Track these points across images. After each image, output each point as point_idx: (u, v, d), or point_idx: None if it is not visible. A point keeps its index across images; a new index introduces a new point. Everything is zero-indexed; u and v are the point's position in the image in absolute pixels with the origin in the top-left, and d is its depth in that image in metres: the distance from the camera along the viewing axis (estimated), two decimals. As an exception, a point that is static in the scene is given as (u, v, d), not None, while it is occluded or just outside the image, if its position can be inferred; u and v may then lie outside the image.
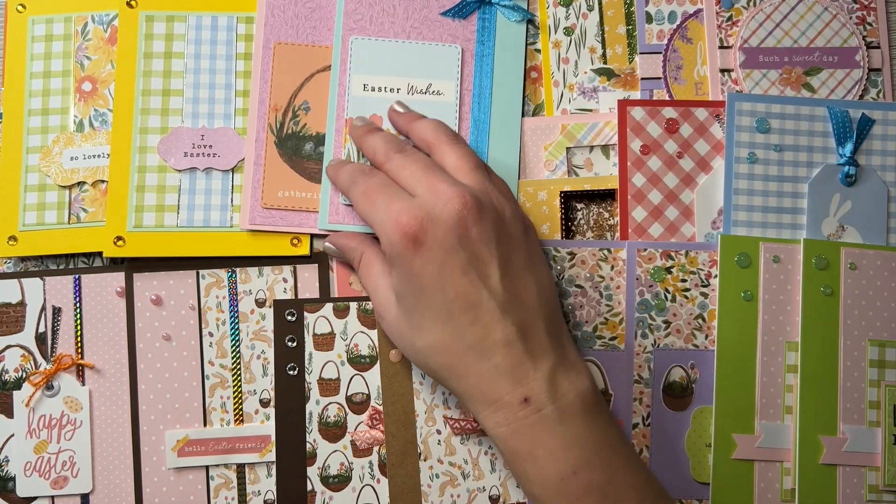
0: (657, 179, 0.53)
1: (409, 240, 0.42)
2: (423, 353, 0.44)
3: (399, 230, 0.42)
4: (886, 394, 0.50)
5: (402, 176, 0.45)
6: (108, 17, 0.54)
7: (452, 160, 0.46)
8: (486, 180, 0.45)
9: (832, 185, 0.52)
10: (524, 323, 0.43)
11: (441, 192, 0.42)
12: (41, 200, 0.53)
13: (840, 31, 0.54)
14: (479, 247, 0.42)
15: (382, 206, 0.44)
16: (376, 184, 0.45)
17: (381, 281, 0.46)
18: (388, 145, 0.47)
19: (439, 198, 0.42)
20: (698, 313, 0.51)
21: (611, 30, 0.55)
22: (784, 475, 0.50)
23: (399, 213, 0.42)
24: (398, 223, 0.42)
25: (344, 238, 0.50)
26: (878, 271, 0.51)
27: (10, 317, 0.52)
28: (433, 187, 0.43)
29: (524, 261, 0.44)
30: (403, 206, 0.43)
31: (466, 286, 0.42)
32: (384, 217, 0.43)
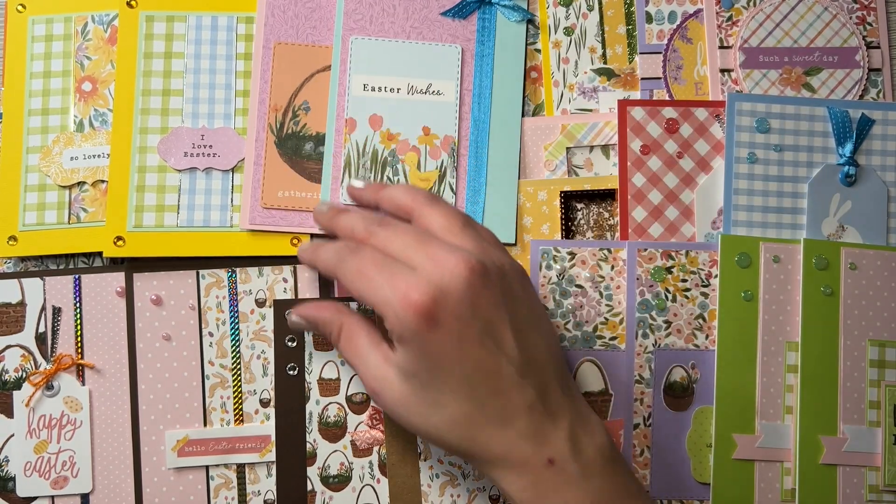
0: (657, 179, 0.53)
1: (424, 318, 0.39)
2: (441, 428, 0.41)
3: (412, 309, 0.39)
4: (886, 394, 0.50)
5: (393, 248, 0.42)
6: (108, 17, 0.54)
7: (439, 221, 0.43)
8: (478, 236, 0.43)
9: (832, 185, 0.52)
10: (541, 383, 0.41)
11: (442, 260, 0.40)
12: (41, 200, 0.53)
13: (840, 31, 0.54)
14: (490, 312, 0.41)
15: (384, 284, 0.41)
16: (370, 260, 0.42)
17: (372, 357, 0.43)
18: (367, 220, 0.45)
19: (443, 267, 0.40)
20: (699, 313, 0.51)
21: (611, 30, 0.55)
22: (784, 475, 0.50)
23: (407, 290, 0.40)
24: (409, 301, 0.39)
25: (315, 310, 0.47)
26: (878, 271, 0.51)
27: (10, 317, 0.52)
28: (432, 256, 0.41)
29: (530, 316, 0.43)
30: (410, 281, 0.40)
31: (484, 356, 0.40)
32: (389, 296, 0.40)
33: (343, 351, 0.45)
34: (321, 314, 0.47)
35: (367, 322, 0.45)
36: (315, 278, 0.52)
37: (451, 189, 0.52)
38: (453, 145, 0.53)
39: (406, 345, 0.41)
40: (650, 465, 0.50)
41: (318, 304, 0.47)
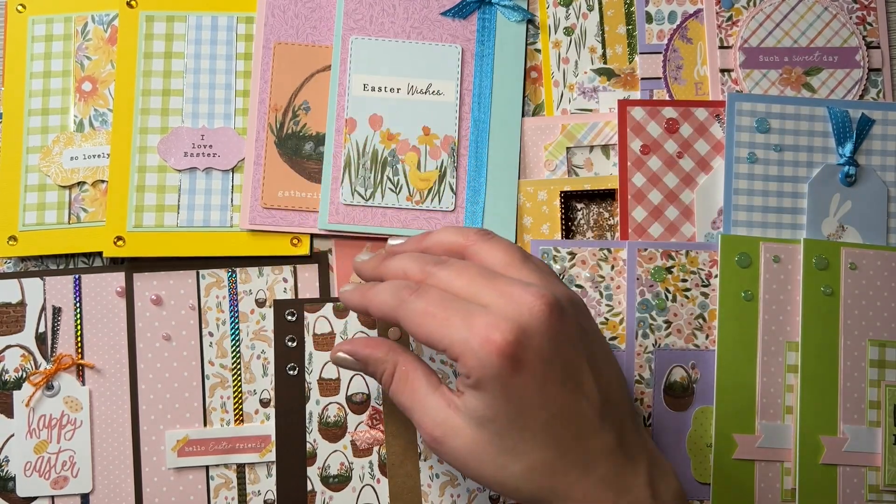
0: (657, 179, 0.53)
1: (508, 360, 0.36)
2: (519, 477, 0.38)
3: (495, 350, 0.36)
4: (886, 394, 0.50)
5: (458, 287, 0.39)
6: (108, 17, 0.54)
7: (498, 256, 0.40)
8: (539, 270, 0.40)
9: (832, 185, 0.52)
10: (618, 424, 0.39)
11: (517, 296, 0.37)
12: (41, 200, 0.53)
13: (840, 31, 0.54)
14: (570, 351, 0.38)
15: (459, 324, 0.37)
16: (436, 299, 0.38)
17: (433, 401, 0.40)
18: (421, 261, 0.41)
19: (520, 304, 0.37)
20: (699, 313, 0.51)
21: (611, 30, 0.55)
22: (784, 475, 0.50)
23: (487, 330, 0.36)
24: (491, 342, 0.36)
25: (365, 346, 0.43)
26: (878, 271, 0.51)
27: (10, 317, 0.52)
28: (505, 293, 0.37)
29: (602, 352, 0.40)
30: (489, 321, 0.36)
31: (567, 398, 0.38)
32: (467, 336, 0.37)
33: (397, 394, 0.42)
34: (373, 352, 0.43)
35: (424, 362, 0.42)
36: (316, 278, 0.52)
37: (451, 189, 0.52)
38: (453, 145, 0.53)
39: (484, 389, 0.37)
40: (650, 465, 0.50)
41: (369, 340, 0.44)
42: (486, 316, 0.37)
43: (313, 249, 0.53)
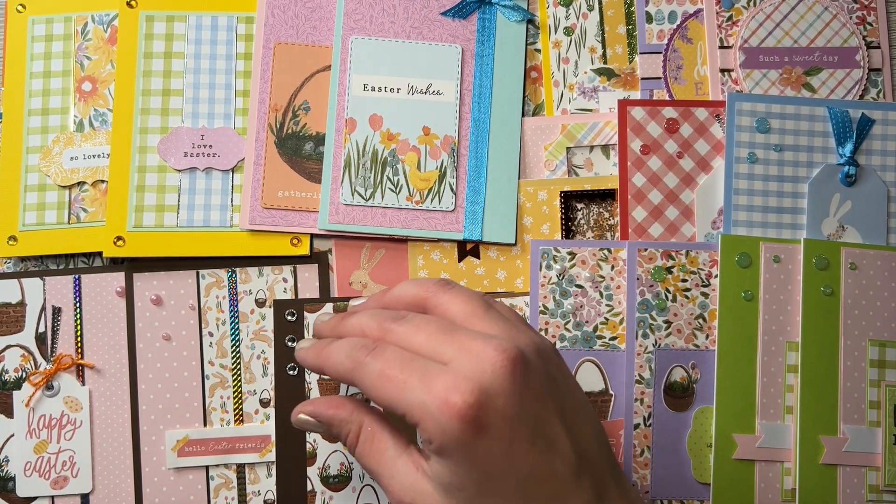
0: (657, 179, 0.53)
1: (469, 424, 0.34)
2: None
3: (455, 415, 0.34)
4: (887, 394, 0.50)
5: (417, 343, 0.37)
6: (108, 17, 0.54)
7: (459, 307, 0.39)
8: (504, 318, 0.38)
9: (832, 185, 0.52)
10: (596, 479, 0.37)
11: (478, 352, 0.35)
12: (41, 200, 0.53)
13: (840, 31, 0.54)
14: (537, 406, 0.35)
15: (417, 386, 0.35)
16: (394, 359, 0.36)
17: (402, 465, 0.38)
18: (379, 317, 0.39)
19: (482, 361, 0.35)
20: (699, 313, 0.51)
21: (611, 30, 0.55)
22: (784, 475, 0.50)
23: (447, 392, 0.34)
24: (450, 406, 0.34)
25: (328, 407, 0.41)
26: (878, 271, 0.51)
27: (10, 317, 0.52)
28: (466, 348, 0.35)
29: (574, 403, 0.38)
30: (448, 382, 0.34)
31: (537, 458, 0.35)
32: (425, 400, 0.34)
33: (362, 457, 0.39)
34: (337, 413, 0.40)
35: (390, 422, 0.40)
36: (316, 278, 0.52)
37: (451, 189, 0.52)
38: (453, 145, 0.53)
39: (448, 456, 0.35)
40: (650, 465, 0.50)
41: (332, 400, 0.41)
42: (446, 376, 0.35)
43: (313, 249, 0.53)
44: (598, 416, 0.41)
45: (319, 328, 0.44)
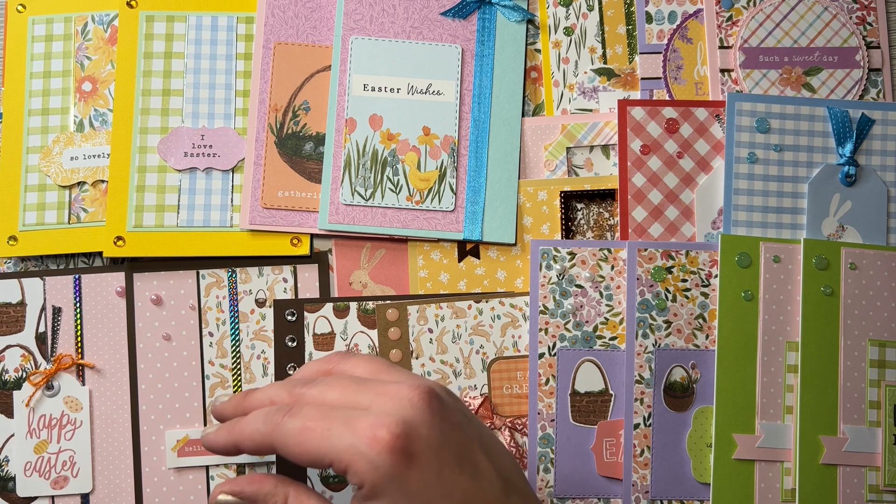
0: (657, 179, 0.53)
1: (399, 455, 0.35)
2: None
3: (385, 448, 0.35)
4: (886, 394, 0.50)
5: (332, 398, 0.38)
6: (108, 17, 0.54)
7: (363, 367, 0.40)
8: (406, 372, 0.40)
9: (832, 185, 0.52)
10: (524, 498, 0.39)
11: (394, 393, 0.37)
12: (41, 200, 0.53)
13: (840, 31, 0.54)
14: (458, 434, 0.37)
15: (343, 430, 0.35)
16: (313, 414, 0.37)
17: None
18: (288, 386, 0.40)
19: (400, 399, 0.36)
20: (699, 313, 0.51)
21: (611, 30, 0.55)
22: (784, 475, 0.50)
23: (373, 429, 0.35)
24: (379, 440, 0.35)
25: (252, 483, 0.40)
26: (878, 271, 0.51)
27: (11, 317, 0.52)
28: (381, 392, 0.37)
29: (487, 434, 0.39)
30: (372, 420, 0.35)
31: (468, 482, 0.36)
32: (353, 441, 0.35)
33: None
34: (260, 487, 0.39)
35: (315, 492, 0.40)
36: (316, 278, 0.52)
37: (451, 189, 0.52)
38: (453, 145, 0.53)
39: (382, 495, 0.35)
40: (650, 465, 0.50)
41: (253, 477, 0.40)
42: (369, 417, 0.35)
43: (313, 249, 0.53)
44: (600, 417, 0.41)
45: (220, 409, 0.43)
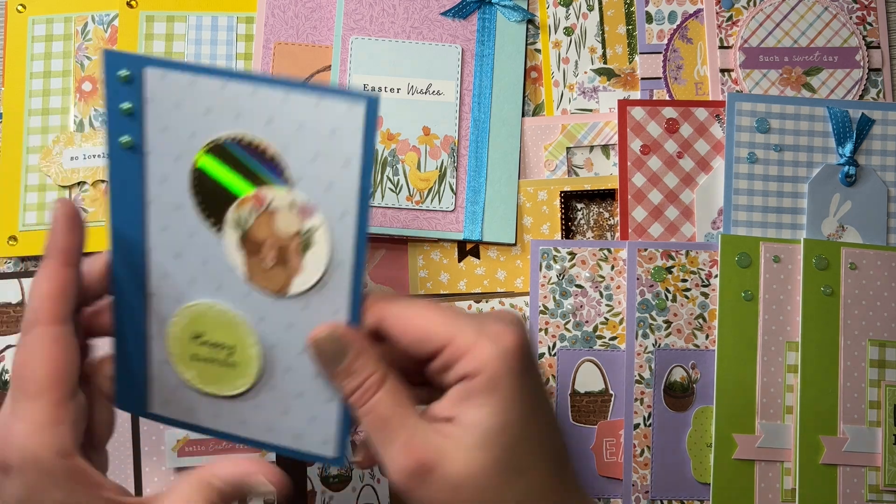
0: (657, 179, 0.52)
1: (523, 355, 0.33)
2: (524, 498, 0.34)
3: (513, 345, 0.33)
4: (886, 394, 0.50)
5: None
6: (108, 18, 0.54)
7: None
8: None
9: (832, 185, 0.52)
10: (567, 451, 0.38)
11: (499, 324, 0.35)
12: (41, 200, 0.53)
13: (840, 31, 0.54)
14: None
15: (469, 319, 0.34)
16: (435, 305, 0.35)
17: (421, 423, 0.34)
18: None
19: (512, 320, 0.36)
20: (699, 313, 0.51)
21: (611, 30, 0.55)
22: (784, 475, 0.50)
23: (500, 328, 0.34)
24: (507, 336, 0.34)
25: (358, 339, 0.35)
26: (878, 271, 0.51)
27: (10, 317, 0.52)
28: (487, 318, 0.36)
29: None
30: (496, 323, 0.34)
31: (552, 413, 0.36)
32: (480, 329, 0.34)
33: (377, 410, 0.34)
34: (366, 348, 0.34)
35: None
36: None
37: (451, 189, 0.52)
38: (453, 145, 0.53)
39: (502, 387, 0.32)
40: (650, 465, 0.50)
41: (363, 345, 0.34)
42: (491, 319, 0.34)
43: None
44: (600, 417, 0.41)
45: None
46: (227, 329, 0.36)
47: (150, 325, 0.37)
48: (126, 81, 0.34)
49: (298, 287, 0.34)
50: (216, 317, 0.36)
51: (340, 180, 0.33)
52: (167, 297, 0.36)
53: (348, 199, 0.33)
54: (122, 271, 0.36)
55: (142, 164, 0.35)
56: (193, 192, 0.35)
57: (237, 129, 0.33)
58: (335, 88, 0.32)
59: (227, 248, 0.35)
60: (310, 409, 0.36)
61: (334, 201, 0.33)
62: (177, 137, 0.34)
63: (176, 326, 0.36)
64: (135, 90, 0.34)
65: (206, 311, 0.36)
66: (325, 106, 0.32)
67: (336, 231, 0.33)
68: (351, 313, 0.35)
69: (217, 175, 0.34)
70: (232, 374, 0.36)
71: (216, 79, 0.33)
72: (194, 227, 0.35)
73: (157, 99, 0.34)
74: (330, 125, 0.32)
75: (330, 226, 0.33)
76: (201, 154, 0.34)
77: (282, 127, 0.33)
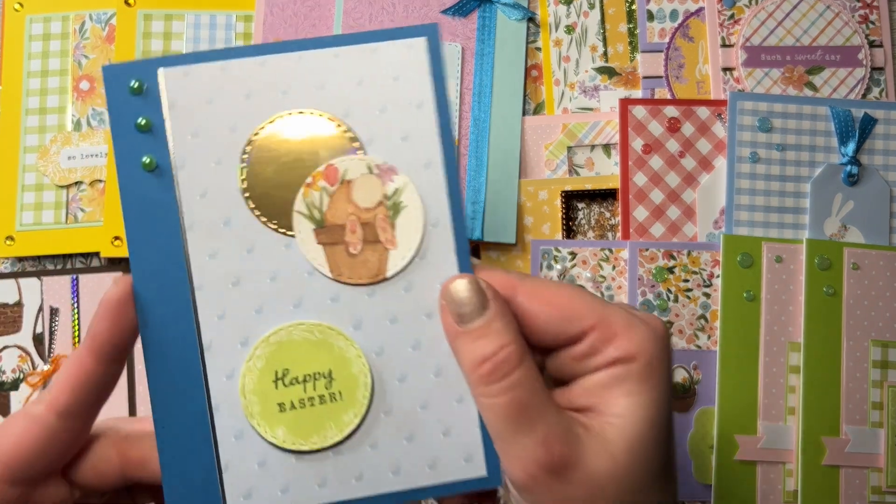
0: (659, 179, 0.52)
1: (667, 344, 0.30)
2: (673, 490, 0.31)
3: (662, 334, 0.30)
4: (889, 394, 0.50)
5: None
6: (105, 16, 0.54)
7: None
8: None
9: (834, 185, 0.52)
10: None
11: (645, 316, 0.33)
12: (38, 200, 0.52)
13: (842, 30, 0.54)
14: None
15: (614, 305, 0.31)
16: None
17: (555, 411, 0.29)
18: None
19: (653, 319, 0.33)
20: (700, 314, 0.51)
21: (612, 28, 0.54)
22: (786, 476, 0.49)
23: (648, 316, 0.31)
24: (657, 324, 0.30)
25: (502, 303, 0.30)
26: (880, 271, 0.51)
27: (8, 317, 0.52)
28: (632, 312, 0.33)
29: None
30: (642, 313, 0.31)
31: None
32: (628, 315, 0.30)
33: (516, 391, 0.28)
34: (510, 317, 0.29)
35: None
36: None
37: (451, 189, 0.52)
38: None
39: (657, 372, 0.28)
40: (652, 467, 0.50)
41: (504, 306, 0.29)
42: (646, 314, 0.30)
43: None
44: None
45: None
46: (319, 351, 0.29)
47: (213, 391, 0.29)
48: (137, 93, 0.29)
49: (397, 264, 0.29)
50: (301, 341, 0.29)
51: (417, 127, 0.29)
52: (230, 343, 0.29)
53: (430, 146, 0.29)
54: (158, 333, 0.29)
55: (172, 184, 0.29)
56: (247, 197, 0.29)
57: (287, 106, 0.29)
58: (388, 31, 0.29)
59: (303, 246, 0.29)
60: (439, 421, 0.29)
61: (415, 152, 0.29)
62: (214, 138, 0.29)
63: (250, 375, 0.29)
64: (151, 100, 0.29)
65: (287, 338, 0.29)
66: (383, 52, 0.29)
67: (424, 185, 0.29)
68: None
69: (274, 165, 0.29)
70: (336, 410, 0.29)
71: (251, 58, 0.29)
72: (253, 238, 0.29)
73: (180, 102, 0.29)
74: (392, 71, 0.29)
75: (416, 181, 0.29)
76: (250, 146, 0.29)
77: (338, 88, 0.29)
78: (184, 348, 0.29)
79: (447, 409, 0.29)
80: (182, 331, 0.29)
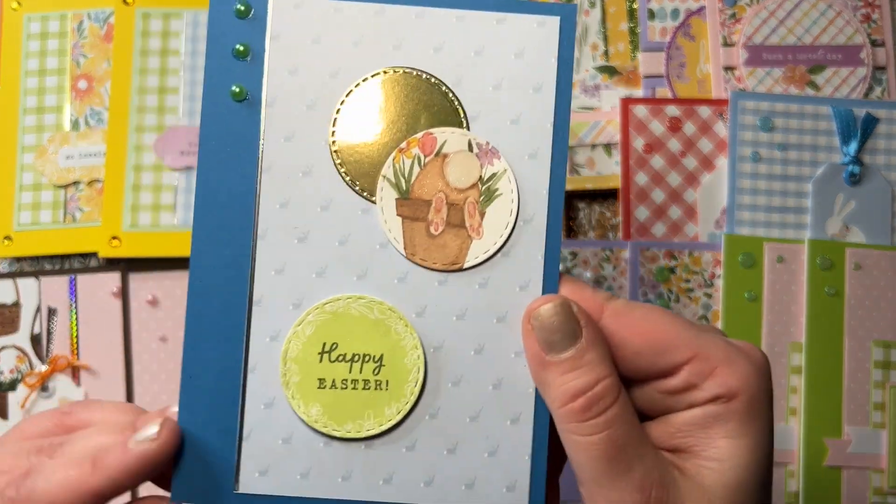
0: (660, 178, 0.52)
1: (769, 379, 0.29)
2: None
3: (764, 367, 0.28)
4: (891, 395, 0.49)
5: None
6: (104, 15, 0.54)
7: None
8: None
9: (836, 185, 0.52)
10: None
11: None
12: (36, 200, 0.52)
13: (844, 29, 0.53)
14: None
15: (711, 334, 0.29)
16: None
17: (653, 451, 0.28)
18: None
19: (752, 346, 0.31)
20: (702, 314, 0.51)
21: (613, 27, 0.54)
22: (788, 477, 0.49)
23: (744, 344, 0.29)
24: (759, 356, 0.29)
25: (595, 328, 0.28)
26: (882, 272, 0.50)
27: (6, 317, 0.52)
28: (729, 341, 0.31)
29: None
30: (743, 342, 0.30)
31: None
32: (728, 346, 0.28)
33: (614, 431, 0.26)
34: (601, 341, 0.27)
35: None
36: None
37: (451, 188, 0.52)
38: (453, 144, 0.52)
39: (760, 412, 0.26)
40: (653, 468, 0.50)
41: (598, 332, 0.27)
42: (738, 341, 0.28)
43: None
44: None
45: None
46: (374, 332, 0.27)
47: (252, 350, 0.27)
48: (242, 16, 0.27)
49: (477, 255, 0.27)
50: (358, 317, 0.27)
51: (530, 112, 0.27)
52: (282, 302, 0.27)
53: (540, 135, 0.27)
54: (210, 274, 0.28)
55: (258, 119, 0.27)
56: (334, 151, 0.27)
57: (397, 62, 0.27)
58: (520, 2, 0.27)
59: (382, 214, 0.27)
60: (487, 438, 0.27)
61: (522, 138, 0.27)
62: (312, 80, 0.27)
63: (296, 341, 0.27)
64: (255, 25, 0.27)
65: (344, 309, 0.27)
66: (510, 24, 0.27)
67: (525, 176, 0.27)
68: (545, 289, 0.27)
69: (370, 121, 0.27)
70: (378, 400, 0.27)
71: (370, 2, 0.27)
72: (331, 195, 0.27)
73: (285, 34, 0.27)
74: (516, 46, 0.27)
75: (517, 170, 0.27)
76: (348, 96, 0.27)
77: (454, 54, 0.27)
78: (231, 297, 0.27)
79: (498, 428, 0.27)
80: (233, 278, 0.27)
